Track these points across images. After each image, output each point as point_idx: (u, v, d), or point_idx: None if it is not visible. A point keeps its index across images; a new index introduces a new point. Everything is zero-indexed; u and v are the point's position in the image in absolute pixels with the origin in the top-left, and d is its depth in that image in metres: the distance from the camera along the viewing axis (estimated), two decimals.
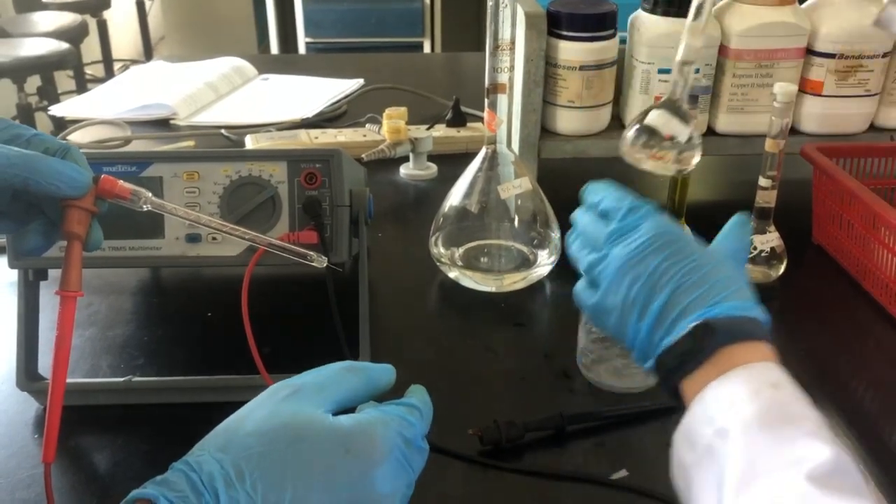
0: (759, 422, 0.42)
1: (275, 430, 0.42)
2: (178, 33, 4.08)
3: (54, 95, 2.86)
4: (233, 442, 0.42)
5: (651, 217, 0.53)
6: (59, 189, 0.46)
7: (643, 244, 0.51)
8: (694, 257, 0.50)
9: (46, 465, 0.49)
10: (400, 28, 3.27)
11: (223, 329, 0.78)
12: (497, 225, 0.87)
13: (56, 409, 0.49)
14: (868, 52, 0.95)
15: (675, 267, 0.50)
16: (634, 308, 0.50)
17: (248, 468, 0.41)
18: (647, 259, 0.51)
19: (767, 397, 0.43)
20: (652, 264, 0.50)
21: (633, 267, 0.51)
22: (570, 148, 1.00)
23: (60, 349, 0.49)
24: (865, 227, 0.84)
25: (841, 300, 0.86)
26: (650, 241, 0.51)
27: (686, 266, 0.50)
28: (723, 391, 0.45)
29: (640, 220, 0.52)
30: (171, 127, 1.30)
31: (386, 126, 1.14)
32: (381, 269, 0.90)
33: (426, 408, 0.48)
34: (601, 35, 0.94)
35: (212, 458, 0.41)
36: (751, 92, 0.97)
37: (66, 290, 0.48)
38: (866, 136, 1.01)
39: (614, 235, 0.53)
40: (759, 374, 0.45)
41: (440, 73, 1.77)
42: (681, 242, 0.51)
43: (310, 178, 0.69)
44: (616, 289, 0.51)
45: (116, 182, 0.49)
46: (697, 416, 0.46)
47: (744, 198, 0.89)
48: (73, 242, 0.48)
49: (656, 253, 0.51)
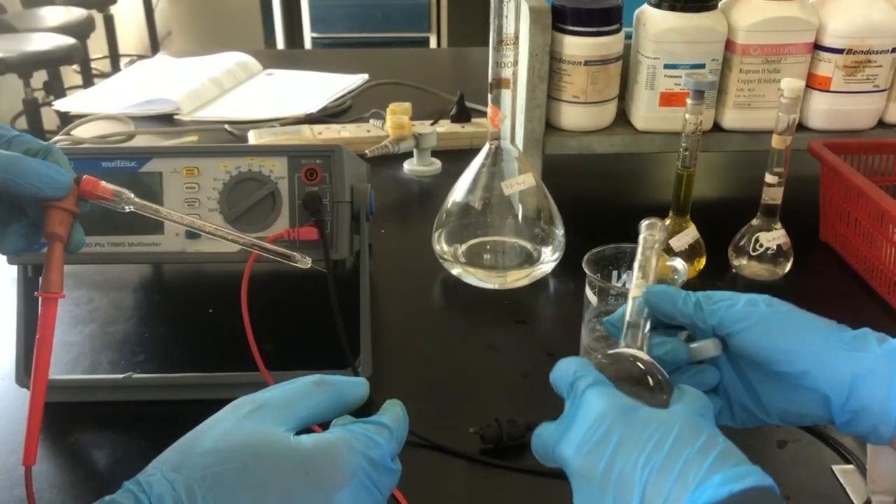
0: None
1: (232, 449, 0.41)
2: (185, 29, 4.08)
3: (61, 90, 2.86)
4: (187, 461, 0.40)
5: (592, 391, 0.44)
6: (39, 190, 0.46)
7: (590, 429, 0.42)
8: (653, 429, 0.41)
9: (27, 468, 0.48)
10: (406, 23, 3.26)
11: (224, 326, 0.78)
12: (500, 221, 0.86)
13: (37, 411, 0.48)
14: (877, 48, 0.94)
15: (635, 451, 0.40)
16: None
17: (200, 489, 0.39)
18: (601, 445, 0.42)
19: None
20: (607, 452, 0.41)
21: (587, 462, 0.42)
22: (575, 144, 0.99)
23: (42, 352, 0.48)
24: (873, 225, 0.83)
25: (848, 298, 0.85)
26: (596, 424, 0.42)
27: (647, 445, 0.40)
28: None
29: (581, 399, 0.44)
30: (175, 122, 1.30)
31: (390, 121, 1.13)
32: (384, 265, 0.90)
33: (398, 426, 0.45)
34: (606, 30, 0.93)
35: (163, 479, 0.39)
36: (758, 87, 0.96)
37: (48, 291, 0.48)
38: (874, 133, 1.00)
39: (564, 423, 0.44)
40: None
41: (445, 68, 1.76)
42: (633, 416, 0.42)
43: (310, 174, 0.69)
44: (582, 498, 0.43)
45: (98, 183, 0.49)
46: None
47: (750, 195, 0.88)
48: (54, 243, 0.48)
49: (607, 438, 0.41)
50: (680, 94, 0.95)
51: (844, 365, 0.46)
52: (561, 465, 0.45)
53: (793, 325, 0.48)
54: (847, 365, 0.46)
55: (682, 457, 0.40)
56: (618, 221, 1.01)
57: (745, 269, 0.87)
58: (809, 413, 0.48)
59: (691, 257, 0.85)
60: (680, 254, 0.83)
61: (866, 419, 0.46)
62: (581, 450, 0.43)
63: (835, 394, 0.46)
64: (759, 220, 0.86)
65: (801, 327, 0.48)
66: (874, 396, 0.45)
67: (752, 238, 0.86)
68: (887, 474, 0.50)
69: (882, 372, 0.46)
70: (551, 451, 0.45)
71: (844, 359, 0.46)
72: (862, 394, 0.46)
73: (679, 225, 0.85)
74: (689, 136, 0.81)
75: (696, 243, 0.85)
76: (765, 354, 0.47)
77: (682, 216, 0.85)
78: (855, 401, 0.46)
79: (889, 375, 0.45)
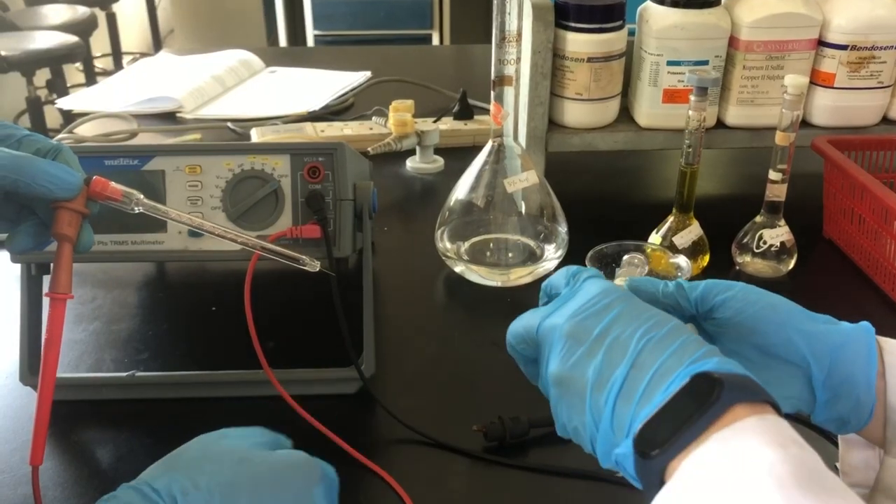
0: (797, 482, 0.32)
1: (219, 455, 0.45)
2: (187, 26, 4.08)
3: (63, 88, 2.86)
4: (180, 465, 0.44)
5: (595, 279, 0.45)
6: (49, 191, 0.46)
7: (591, 299, 0.43)
8: (652, 313, 0.42)
9: (34, 468, 0.48)
10: (409, 20, 3.26)
11: (228, 324, 0.78)
12: (503, 219, 0.86)
13: (45, 411, 0.48)
14: (881, 44, 0.94)
15: (632, 324, 0.41)
16: (588, 379, 0.40)
17: (202, 481, 0.42)
18: (599, 314, 0.42)
19: (796, 455, 0.33)
20: (605, 321, 0.41)
21: (581, 326, 0.42)
22: (578, 141, 0.99)
23: (49, 353, 0.48)
24: (877, 222, 0.83)
25: (852, 295, 0.85)
26: (598, 297, 0.43)
27: (646, 322, 0.41)
28: (738, 443, 0.34)
29: (582, 284, 0.45)
30: (178, 120, 1.30)
31: (392, 119, 1.13)
32: (387, 263, 0.90)
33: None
34: (609, 26, 0.93)
35: (164, 475, 0.42)
36: (761, 84, 0.96)
37: (56, 292, 0.48)
38: (879, 129, 1.00)
39: (557, 304, 0.45)
40: (778, 428, 0.35)
41: (448, 65, 1.76)
42: (633, 300, 0.43)
43: (313, 171, 0.69)
44: (565, 354, 0.42)
45: (108, 183, 0.49)
46: (702, 473, 0.35)
47: (753, 192, 0.88)
48: (63, 244, 0.48)
49: (606, 310, 0.42)
50: (683, 91, 0.95)
51: (825, 336, 0.46)
52: (540, 341, 0.45)
53: (775, 298, 0.48)
54: (828, 336, 0.46)
55: (682, 338, 0.40)
56: (621, 219, 1.01)
57: (749, 266, 0.87)
58: (791, 394, 0.47)
59: (694, 254, 0.84)
60: (683, 251, 0.83)
61: (849, 393, 0.45)
62: (577, 317, 0.43)
63: (817, 365, 0.46)
64: (763, 217, 0.86)
65: (782, 301, 0.48)
66: (856, 365, 0.45)
67: (755, 235, 0.86)
68: (858, 466, 0.50)
69: (861, 340, 0.46)
70: (535, 327, 0.45)
71: (825, 330, 0.46)
72: (844, 363, 0.45)
73: (682, 222, 0.85)
74: (693, 132, 0.80)
75: (700, 240, 0.85)
76: (749, 322, 0.47)
77: (686, 213, 0.85)
78: (837, 373, 0.45)
79: (868, 344, 0.46)
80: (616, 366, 0.39)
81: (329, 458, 0.51)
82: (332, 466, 0.50)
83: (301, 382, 0.67)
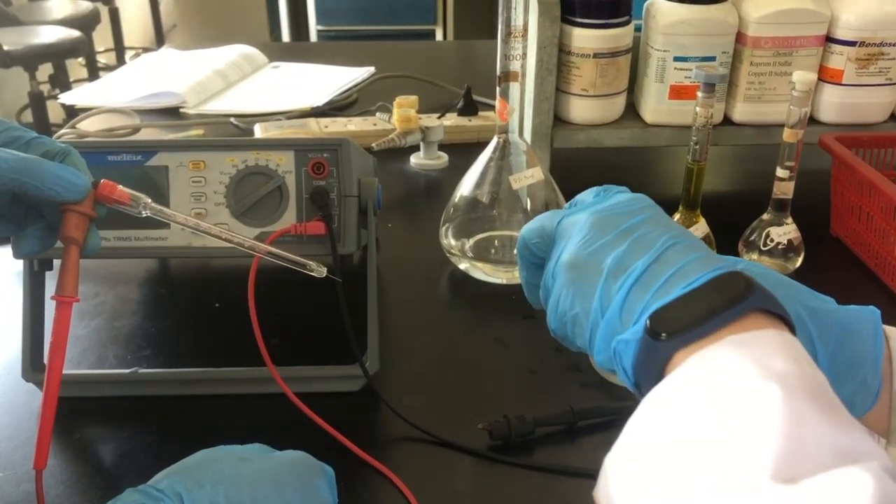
0: (808, 395, 0.31)
1: (219, 458, 0.47)
2: (190, 21, 4.08)
3: (66, 83, 2.86)
4: (182, 470, 0.45)
5: (628, 191, 0.46)
6: (57, 194, 0.46)
7: (620, 202, 0.43)
8: (678, 227, 0.43)
9: (38, 471, 0.48)
10: (412, 15, 3.26)
11: (231, 321, 0.77)
12: (508, 216, 0.86)
13: (49, 414, 0.48)
14: (889, 40, 0.93)
15: (659, 228, 0.41)
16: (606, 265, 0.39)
17: (206, 480, 0.44)
18: (628, 215, 0.42)
19: (809, 373, 0.33)
20: (633, 220, 0.41)
21: (608, 219, 0.42)
22: (584, 137, 0.98)
23: (55, 356, 0.48)
24: (885, 219, 0.83)
25: (859, 293, 0.84)
26: (628, 201, 0.43)
27: (676, 229, 0.41)
28: (752, 349, 0.34)
29: (614, 195, 0.46)
30: (181, 115, 1.29)
31: (396, 115, 1.13)
32: (391, 260, 0.89)
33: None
34: (616, 22, 0.93)
35: (167, 478, 0.44)
36: (768, 80, 0.95)
37: (63, 295, 0.48)
38: (887, 126, 0.99)
39: (584, 206, 0.46)
40: (795, 346, 0.35)
41: (452, 60, 1.75)
42: (663, 213, 0.43)
43: (317, 167, 0.68)
44: (585, 241, 0.41)
45: (116, 187, 0.49)
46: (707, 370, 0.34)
47: (760, 189, 0.87)
48: (70, 247, 0.48)
49: (636, 213, 0.42)
50: (690, 87, 0.94)
51: (832, 313, 0.45)
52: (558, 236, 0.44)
53: (782, 276, 0.47)
54: (834, 313, 0.45)
55: (709, 251, 0.39)
56: None
57: None
58: None
59: None
60: None
61: (855, 373, 0.44)
62: (602, 212, 0.42)
63: (822, 342, 0.44)
64: (770, 215, 0.85)
65: (789, 279, 0.47)
66: (863, 344, 0.44)
67: (762, 233, 0.85)
68: None
69: (868, 320, 0.45)
70: (554, 225, 0.45)
71: (831, 308, 0.46)
72: (851, 341, 0.44)
73: (689, 219, 0.84)
74: (700, 129, 0.80)
75: (706, 238, 0.84)
76: None
77: (693, 210, 0.84)
78: (843, 351, 0.44)
79: (874, 324, 0.45)
80: (638, 257, 0.39)
81: (333, 456, 0.51)
82: (329, 466, 0.51)
83: (305, 380, 0.67)
